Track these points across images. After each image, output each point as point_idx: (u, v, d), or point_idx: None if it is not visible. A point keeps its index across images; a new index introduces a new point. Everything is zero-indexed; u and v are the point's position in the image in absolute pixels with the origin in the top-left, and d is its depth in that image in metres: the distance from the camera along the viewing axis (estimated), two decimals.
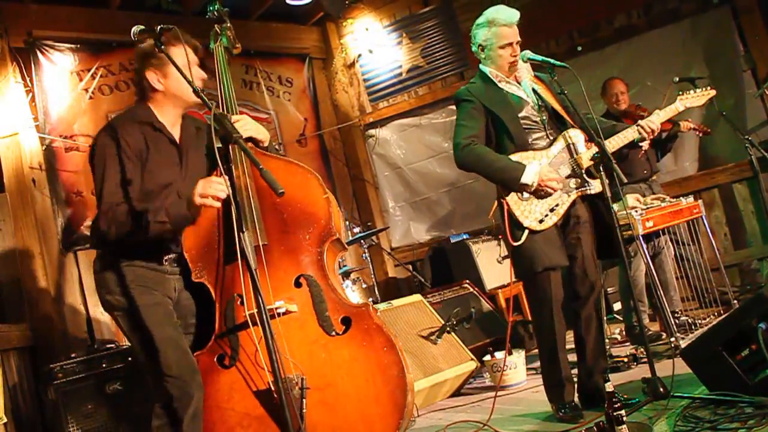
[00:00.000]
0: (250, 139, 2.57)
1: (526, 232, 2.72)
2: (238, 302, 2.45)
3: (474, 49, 2.95)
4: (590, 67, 5.33)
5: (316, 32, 6.50)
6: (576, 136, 2.82)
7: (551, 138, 2.84)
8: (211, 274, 2.49)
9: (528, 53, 2.81)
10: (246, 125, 2.55)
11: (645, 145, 2.95)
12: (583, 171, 2.80)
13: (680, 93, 3.08)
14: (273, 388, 2.27)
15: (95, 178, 2.38)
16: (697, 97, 3.07)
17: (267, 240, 2.49)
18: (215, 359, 2.44)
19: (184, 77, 2.14)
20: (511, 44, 2.83)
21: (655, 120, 2.85)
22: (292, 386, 2.28)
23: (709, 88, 3.13)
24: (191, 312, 2.54)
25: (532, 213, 2.74)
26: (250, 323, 2.32)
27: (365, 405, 2.29)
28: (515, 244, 2.72)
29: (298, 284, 2.48)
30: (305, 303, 2.45)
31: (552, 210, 2.74)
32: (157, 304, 2.37)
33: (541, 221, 2.73)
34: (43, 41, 4.70)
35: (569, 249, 2.80)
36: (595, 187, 2.79)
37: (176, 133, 2.52)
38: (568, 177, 2.79)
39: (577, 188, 2.79)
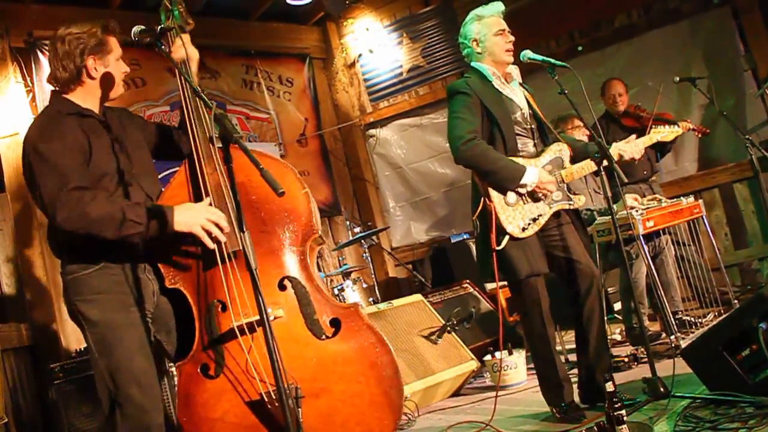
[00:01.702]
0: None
1: (507, 237, 2.73)
2: (219, 308, 2.27)
3: (467, 50, 2.92)
4: (590, 67, 5.33)
5: (316, 32, 6.50)
6: (563, 150, 2.86)
7: (537, 148, 2.88)
8: (186, 279, 2.31)
9: (528, 53, 2.81)
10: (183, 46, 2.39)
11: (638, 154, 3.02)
12: (566, 186, 2.84)
13: (662, 128, 3.44)
14: (266, 399, 2.15)
15: (36, 183, 2.12)
16: (669, 133, 3.45)
17: None
18: (199, 369, 2.25)
19: (181, 74, 2.12)
20: (504, 31, 2.85)
21: (629, 149, 2.95)
22: (287, 396, 2.12)
23: (676, 126, 3.56)
24: (171, 315, 2.37)
25: (515, 220, 2.75)
26: (237, 333, 2.17)
27: (361, 408, 2.21)
28: (497, 248, 2.73)
29: (282, 287, 2.31)
30: (291, 307, 2.29)
31: (534, 220, 2.77)
32: (133, 325, 2.19)
33: (524, 229, 2.75)
34: (44, 41, 4.69)
35: (556, 251, 2.82)
36: (575, 202, 2.84)
37: (102, 117, 2.35)
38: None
39: (559, 201, 2.82)
